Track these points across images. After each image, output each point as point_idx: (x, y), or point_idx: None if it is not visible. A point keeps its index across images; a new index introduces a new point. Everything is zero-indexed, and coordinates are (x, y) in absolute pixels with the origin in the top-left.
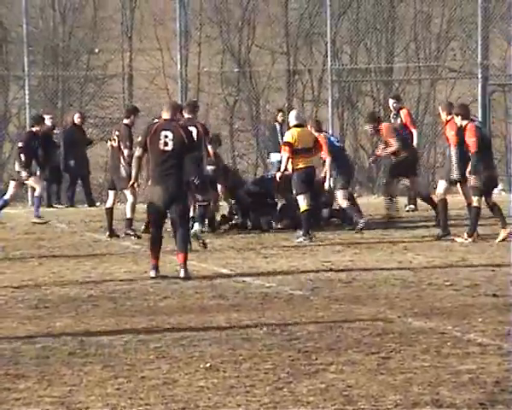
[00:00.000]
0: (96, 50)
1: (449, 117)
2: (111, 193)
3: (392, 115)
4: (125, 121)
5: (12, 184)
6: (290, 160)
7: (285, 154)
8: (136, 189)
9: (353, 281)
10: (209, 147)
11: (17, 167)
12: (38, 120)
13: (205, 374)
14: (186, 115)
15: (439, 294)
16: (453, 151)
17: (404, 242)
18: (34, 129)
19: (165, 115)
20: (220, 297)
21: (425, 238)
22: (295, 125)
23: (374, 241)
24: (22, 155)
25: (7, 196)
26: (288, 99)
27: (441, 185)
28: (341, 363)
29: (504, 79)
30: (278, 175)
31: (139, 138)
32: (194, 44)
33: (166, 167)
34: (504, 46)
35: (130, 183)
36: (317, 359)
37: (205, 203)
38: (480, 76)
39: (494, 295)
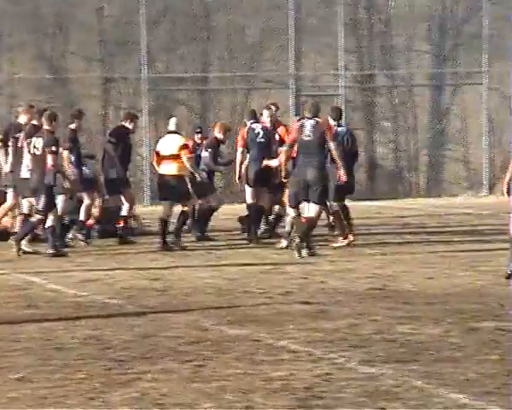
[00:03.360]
0: None
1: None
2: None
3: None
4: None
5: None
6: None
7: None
8: None
9: (168, 289)
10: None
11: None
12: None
13: (16, 385)
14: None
15: (253, 301)
16: None
17: (219, 250)
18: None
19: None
20: (33, 307)
21: (238, 246)
22: (169, 132)
23: (190, 249)
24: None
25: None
26: (104, 107)
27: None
28: (156, 372)
29: (317, 90)
30: None
31: None
32: (8, 50)
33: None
34: (315, 58)
35: None
36: (131, 368)
37: (40, 216)
38: (292, 87)
39: (306, 303)
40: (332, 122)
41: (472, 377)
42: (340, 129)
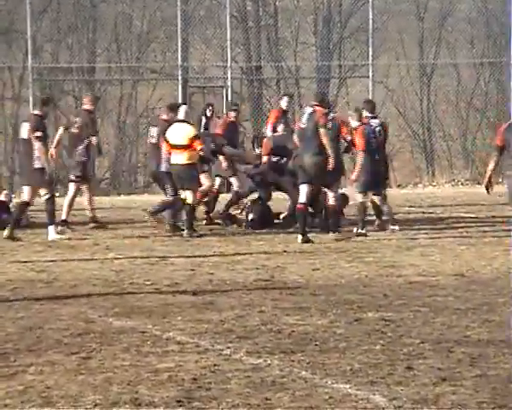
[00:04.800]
0: None
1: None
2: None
3: None
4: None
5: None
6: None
7: (164, 147)
8: None
9: (55, 281)
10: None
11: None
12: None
13: None
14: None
15: (140, 293)
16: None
17: (106, 242)
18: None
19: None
20: None
21: (127, 238)
22: (178, 121)
23: (76, 241)
24: None
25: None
26: None
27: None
28: (41, 364)
29: (203, 82)
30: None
31: None
32: None
33: None
34: (203, 49)
35: None
36: (15, 360)
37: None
38: (180, 78)
39: (193, 294)
40: (366, 114)
41: (357, 367)
42: (373, 121)
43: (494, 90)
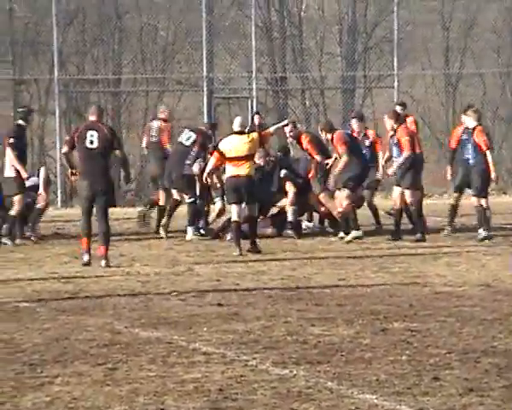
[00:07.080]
0: None
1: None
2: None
3: None
4: None
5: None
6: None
7: (212, 158)
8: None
9: (81, 292)
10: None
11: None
12: None
13: None
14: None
15: (166, 304)
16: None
17: (132, 253)
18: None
19: (92, 117)
20: None
21: (152, 249)
22: (235, 132)
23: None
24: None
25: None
26: (15, 110)
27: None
28: (67, 375)
29: (228, 93)
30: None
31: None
32: None
33: (92, 164)
34: (228, 60)
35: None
36: (42, 371)
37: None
38: (205, 89)
39: (219, 305)
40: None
41: (383, 378)
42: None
43: None
